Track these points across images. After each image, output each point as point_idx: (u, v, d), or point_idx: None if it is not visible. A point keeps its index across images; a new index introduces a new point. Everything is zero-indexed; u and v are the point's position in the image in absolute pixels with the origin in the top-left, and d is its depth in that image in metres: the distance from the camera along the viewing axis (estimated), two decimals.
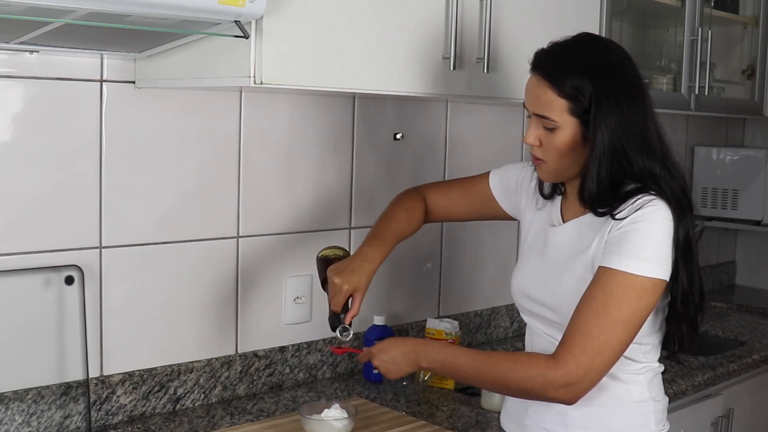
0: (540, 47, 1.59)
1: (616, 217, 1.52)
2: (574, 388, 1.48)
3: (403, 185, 2.43)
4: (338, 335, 1.78)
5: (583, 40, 1.59)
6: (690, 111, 2.84)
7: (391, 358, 1.63)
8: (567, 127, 1.53)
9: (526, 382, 1.51)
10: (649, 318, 1.55)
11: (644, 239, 1.48)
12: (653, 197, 1.51)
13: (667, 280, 1.50)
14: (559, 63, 1.54)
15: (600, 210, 1.55)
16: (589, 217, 1.59)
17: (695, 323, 1.60)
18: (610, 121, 1.51)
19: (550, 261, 1.65)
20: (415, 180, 2.46)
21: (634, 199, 1.51)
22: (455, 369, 1.60)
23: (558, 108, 1.53)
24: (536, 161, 1.62)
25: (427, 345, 1.64)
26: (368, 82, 1.80)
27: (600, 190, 1.54)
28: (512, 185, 1.83)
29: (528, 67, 1.60)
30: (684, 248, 1.51)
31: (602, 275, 1.49)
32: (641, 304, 1.48)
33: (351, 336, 1.77)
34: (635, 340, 1.55)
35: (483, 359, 1.57)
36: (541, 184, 1.72)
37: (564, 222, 1.66)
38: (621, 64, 1.56)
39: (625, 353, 1.55)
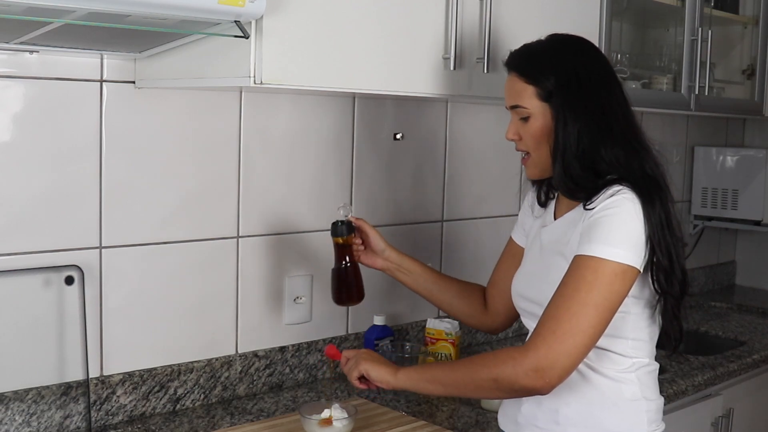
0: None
1: (587, 207, 1.56)
2: (546, 373, 1.48)
3: (403, 185, 2.44)
4: (338, 210, 1.89)
5: (551, 37, 1.69)
6: (690, 111, 2.84)
7: (373, 360, 1.68)
8: (538, 113, 1.62)
9: (498, 372, 1.51)
10: (636, 311, 1.59)
11: (613, 226, 1.51)
12: (622, 186, 1.54)
13: (639, 269, 1.52)
14: (526, 56, 1.66)
15: (578, 195, 1.60)
16: (572, 213, 1.63)
17: (679, 303, 1.60)
18: (575, 105, 1.59)
19: (540, 259, 1.69)
20: (415, 180, 2.46)
21: (605, 189, 1.56)
22: (432, 377, 1.61)
23: (527, 95, 1.62)
24: (523, 160, 1.69)
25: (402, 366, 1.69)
26: (368, 82, 1.80)
27: (569, 174, 1.59)
28: (526, 219, 1.84)
29: None
30: (659, 230, 1.54)
31: (574, 262, 1.53)
32: (612, 288, 1.50)
33: (349, 209, 1.90)
34: (622, 334, 1.58)
35: (456, 362, 1.64)
36: (538, 194, 1.77)
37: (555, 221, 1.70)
38: (585, 54, 1.65)
39: (613, 348, 1.59)
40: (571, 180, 1.59)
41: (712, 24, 2.90)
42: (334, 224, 1.88)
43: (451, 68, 1.92)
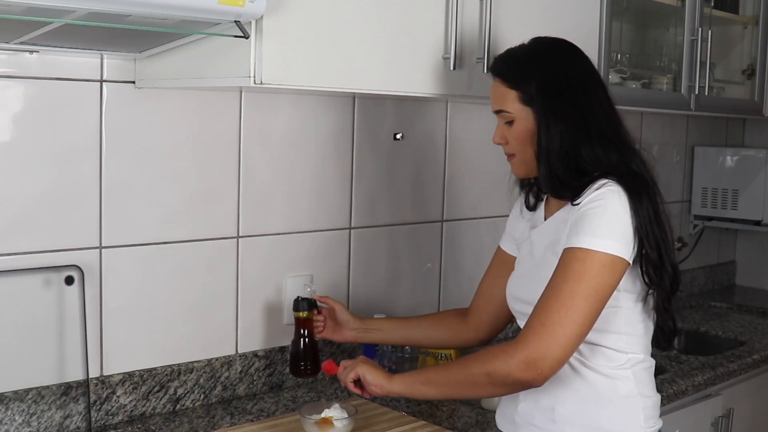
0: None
1: (575, 203, 1.58)
2: (538, 365, 1.49)
3: (403, 185, 2.43)
4: (305, 288, 1.98)
5: (534, 41, 1.72)
6: (690, 111, 2.84)
7: (371, 365, 1.68)
8: (521, 116, 1.65)
9: (490, 367, 1.53)
10: (628, 305, 1.60)
11: (602, 218, 1.53)
12: (607, 180, 1.56)
13: (628, 260, 1.53)
14: (508, 61, 1.69)
15: (564, 194, 1.61)
16: (561, 212, 1.65)
17: (670, 298, 1.61)
18: (555, 107, 1.61)
19: (532, 260, 1.70)
20: (415, 180, 2.46)
21: (591, 185, 1.57)
22: (426, 379, 1.63)
23: (510, 99, 1.65)
24: (509, 158, 1.72)
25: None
26: (368, 82, 1.80)
27: (554, 174, 1.61)
28: (516, 225, 1.85)
29: None
30: (646, 223, 1.55)
31: (562, 255, 1.55)
32: (601, 279, 1.51)
33: (313, 288, 1.98)
34: (615, 329, 1.59)
35: (449, 363, 1.63)
36: (527, 198, 1.79)
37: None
38: (566, 57, 1.67)
39: (607, 344, 1.60)
40: (557, 180, 1.61)
41: (712, 24, 2.90)
42: (296, 300, 1.96)
43: (451, 68, 1.92)
